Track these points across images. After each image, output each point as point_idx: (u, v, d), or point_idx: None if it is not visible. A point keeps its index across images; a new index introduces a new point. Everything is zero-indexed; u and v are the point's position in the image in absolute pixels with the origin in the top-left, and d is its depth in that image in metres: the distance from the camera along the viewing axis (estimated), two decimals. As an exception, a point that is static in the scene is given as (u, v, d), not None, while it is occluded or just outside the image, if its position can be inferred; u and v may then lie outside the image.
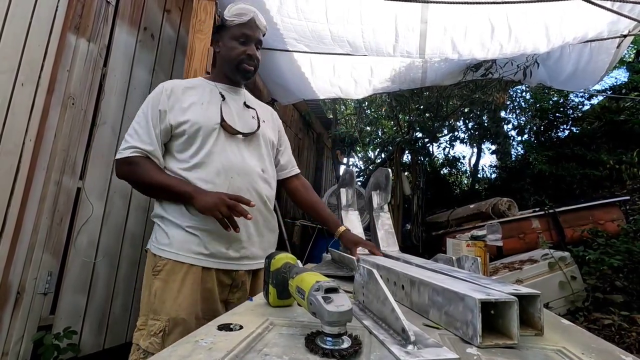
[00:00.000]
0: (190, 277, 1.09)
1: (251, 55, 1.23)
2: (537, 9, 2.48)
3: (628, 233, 3.69)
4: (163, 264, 1.10)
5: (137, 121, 1.17)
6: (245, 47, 1.22)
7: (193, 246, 1.10)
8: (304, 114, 6.23)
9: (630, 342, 2.45)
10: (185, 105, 1.17)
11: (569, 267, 3.19)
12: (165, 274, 1.09)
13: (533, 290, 0.65)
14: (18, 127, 1.61)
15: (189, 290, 1.08)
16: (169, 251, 1.10)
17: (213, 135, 1.16)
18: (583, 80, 3.65)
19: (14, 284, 1.64)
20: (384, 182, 1.45)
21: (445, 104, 6.62)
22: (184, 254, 1.10)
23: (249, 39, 1.23)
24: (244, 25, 1.22)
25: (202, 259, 1.11)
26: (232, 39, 1.22)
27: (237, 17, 1.21)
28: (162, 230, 1.14)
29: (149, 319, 1.07)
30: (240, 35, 1.22)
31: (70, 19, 1.83)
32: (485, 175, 10.03)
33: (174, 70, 2.63)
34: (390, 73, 3.82)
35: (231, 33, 1.22)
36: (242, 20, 1.21)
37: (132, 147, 1.13)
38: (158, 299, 1.07)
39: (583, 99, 7.32)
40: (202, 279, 1.10)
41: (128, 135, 1.16)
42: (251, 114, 1.29)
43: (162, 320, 1.04)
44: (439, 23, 2.74)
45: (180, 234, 1.11)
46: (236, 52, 1.22)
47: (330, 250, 1.42)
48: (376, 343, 0.56)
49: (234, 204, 1.06)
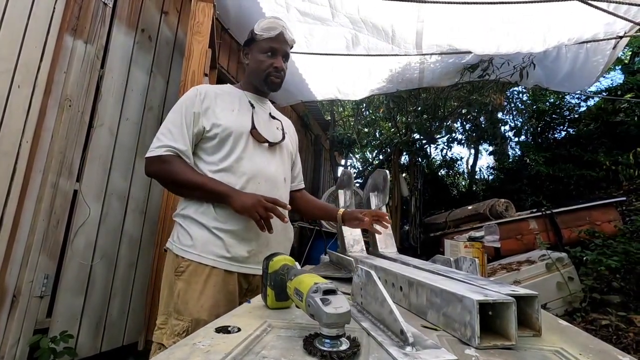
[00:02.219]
0: (212, 279, 1.11)
1: (278, 67, 1.28)
2: (533, 9, 2.49)
3: (625, 234, 3.72)
4: (186, 265, 1.12)
5: (170, 121, 1.19)
6: (273, 59, 1.27)
7: (216, 249, 1.13)
8: (302, 116, 6.23)
9: (628, 342, 2.45)
10: (218, 110, 1.21)
11: (566, 268, 3.21)
12: (188, 275, 1.11)
13: (531, 291, 0.65)
14: (15, 128, 1.61)
15: (211, 292, 1.10)
16: (192, 252, 1.12)
17: (242, 141, 1.20)
18: (579, 81, 3.68)
19: (10, 287, 1.62)
20: (381, 184, 1.45)
21: (443, 105, 6.63)
22: (206, 256, 1.12)
23: (276, 52, 1.27)
24: (272, 39, 1.26)
25: (224, 262, 1.13)
26: (260, 52, 1.27)
27: (266, 31, 1.25)
28: (184, 231, 1.16)
29: (172, 318, 1.09)
30: (268, 48, 1.26)
31: (67, 20, 1.82)
32: (483, 176, 10.07)
33: (171, 72, 2.62)
34: (387, 74, 3.83)
35: (260, 47, 1.27)
36: (270, 35, 1.25)
37: (165, 145, 1.14)
38: (181, 300, 1.10)
39: (579, 101, 7.36)
40: (224, 281, 1.13)
41: (161, 135, 1.17)
42: (276, 124, 1.36)
43: (185, 320, 1.07)
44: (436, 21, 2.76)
45: (204, 235, 1.13)
46: (264, 64, 1.27)
47: (328, 252, 1.42)
48: (374, 345, 0.56)
49: (272, 207, 1.10)
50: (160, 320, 1.12)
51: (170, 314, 1.10)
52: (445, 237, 3.92)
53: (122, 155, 2.22)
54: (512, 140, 8.52)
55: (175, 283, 1.12)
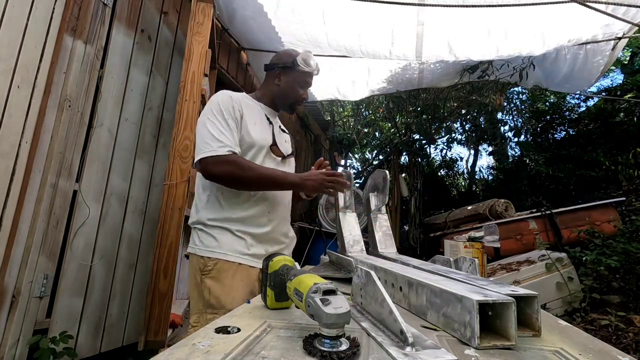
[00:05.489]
0: (239, 274, 1.21)
1: (305, 99, 1.44)
2: (532, 11, 2.49)
3: (624, 234, 3.72)
4: (213, 264, 1.20)
5: (216, 124, 1.22)
6: (304, 92, 1.42)
7: (240, 247, 1.23)
8: (302, 116, 6.23)
9: (627, 342, 2.46)
10: (249, 121, 1.29)
11: (566, 268, 3.21)
12: (217, 272, 1.19)
13: (530, 291, 0.65)
14: (14, 129, 1.61)
15: (240, 285, 1.20)
16: (218, 252, 1.21)
17: (262, 154, 1.30)
18: (578, 82, 3.68)
19: (9, 287, 1.62)
20: (381, 184, 1.45)
21: (442, 105, 6.64)
22: (232, 254, 1.21)
23: (307, 85, 1.43)
24: (308, 75, 1.41)
25: (248, 259, 1.23)
26: (296, 82, 1.40)
27: (307, 66, 1.38)
28: (206, 235, 1.24)
29: (206, 314, 1.17)
30: (304, 82, 1.41)
31: (67, 20, 1.82)
32: (483, 176, 10.07)
33: (171, 72, 2.62)
34: (387, 74, 3.84)
35: (296, 76, 1.39)
36: (309, 70, 1.39)
37: (225, 145, 1.19)
38: (212, 296, 1.18)
39: (579, 101, 7.37)
40: (249, 276, 1.23)
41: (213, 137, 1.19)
42: (285, 138, 1.47)
43: (220, 313, 1.12)
44: (436, 25, 2.75)
45: (227, 237, 1.23)
46: (296, 94, 1.41)
47: (328, 252, 1.42)
48: (374, 345, 0.56)
49: (335, 179, 1.25)
50: (193, 319, 1.20)
51: (202, 312, 1.17)
52: (445, 238, 3.92)
53: (121, 155, 2.22)
54: (512, 140, 8.52)
55: (203, 282, 1.19)
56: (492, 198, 5.12)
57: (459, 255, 1.21)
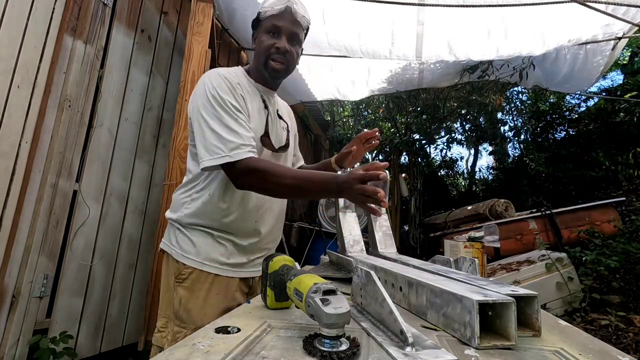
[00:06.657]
0: (215, 287, 1.08)
1: (280, 48, 1.08)
2: (532, 11, 2.50)
3: (624, 234, 3.72)
4: (188, 272, 1.08)
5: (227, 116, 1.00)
6: (275, 39, 1.08)
7: (219, 256, 1.09)
8: (302, 116, 6.22)
9: (627, 342, 2.46)
10: (248, 106, 1.09)
11: (566, 268, 3.21)
12: (191, 282, 1.07)
13: (530, 291, 0.65)
14: (14, 129, 1.61)
15: (215, 300, 1.08)
16: (195, 260, 1.08)
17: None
18: (578, 82, 3.68)
19: (9, 287, 1.62)
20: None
21: (442, 105, 6.64)
22: (209, 264, 1.08)
23: (279, 30, 1.08)
24: (276, 17, 1.08)
25: (227, 269, 1.10)
26: (263, 32, 1.10)
27: (270, 7, 1.07)
28: (184, 236, 1.10)
29: (173, 325, 1.07)
30: (272, 27, 1.08)
31: (66, 20, 1.82)
32: (483, 176, 10.08)
33: (171, 72, 2.62)
34: (387, 74, 3.84)
35: (264, 25, 1.10)
36: (274, 12, 1.07)
37: (244, 144, 0.97)
38: (183, 308, 1.06)
39: (579, 101, 7.37)
40: (227, 288, 1.11)
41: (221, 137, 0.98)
42: (282, 125, 1.25)
43: (188, 329, 1.04)
44: (436, 25, 2.75)
45: (207, 242, 1.09)
46: (264, 45, 1.09)
47: (328, 252, 1.42)
48: (374, 345, 0.56)
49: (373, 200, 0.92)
50: (161, 323, 1.10)
51: (171, 319, 1.08)
52: (445, 238, 3.92)
53: (121, 155, 2.22)
54: (512, 140, 8.52)
55: (176, 289, 1.08)
56: (492, 198, 5.12)
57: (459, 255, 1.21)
